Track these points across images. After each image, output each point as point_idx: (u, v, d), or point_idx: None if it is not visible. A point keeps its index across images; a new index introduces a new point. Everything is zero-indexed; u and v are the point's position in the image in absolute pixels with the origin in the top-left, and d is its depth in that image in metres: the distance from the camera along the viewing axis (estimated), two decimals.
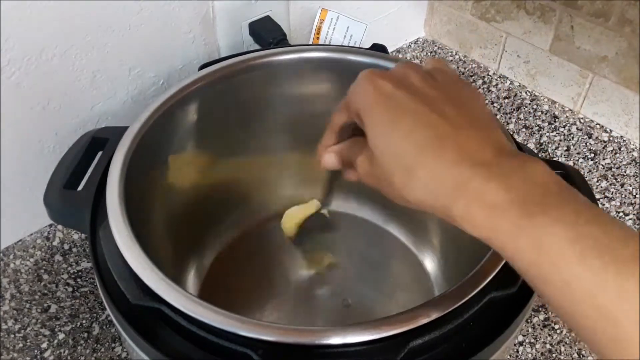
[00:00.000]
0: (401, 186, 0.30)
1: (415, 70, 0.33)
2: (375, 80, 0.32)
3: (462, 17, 0.85)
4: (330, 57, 0.55)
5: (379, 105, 0.31)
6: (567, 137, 0.77)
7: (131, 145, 0.44)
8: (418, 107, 0.31)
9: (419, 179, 0.29)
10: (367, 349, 0.33)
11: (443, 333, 0.34)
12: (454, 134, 0.29)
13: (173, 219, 0.53)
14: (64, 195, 0.43)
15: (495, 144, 0.29)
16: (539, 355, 0.57)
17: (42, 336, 0.55)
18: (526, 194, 0.27)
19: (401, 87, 0.31)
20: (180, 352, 0.35)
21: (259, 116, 0.58)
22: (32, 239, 0.61)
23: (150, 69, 0.61)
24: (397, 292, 0.58)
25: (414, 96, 0.31)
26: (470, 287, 0.35)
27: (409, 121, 0.30)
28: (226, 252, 0.60)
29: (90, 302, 0.58)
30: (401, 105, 0.31)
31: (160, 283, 0.35)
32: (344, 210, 0.64)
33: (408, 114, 0.30)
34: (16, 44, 0.50)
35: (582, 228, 0.25)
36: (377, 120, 0.32)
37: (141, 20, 0.57)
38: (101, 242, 0.39)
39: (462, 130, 0.30)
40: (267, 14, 0.65)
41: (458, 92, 0.32)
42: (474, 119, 0.31)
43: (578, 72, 0.75)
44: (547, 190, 0.27)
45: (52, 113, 0.56)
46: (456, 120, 0.30)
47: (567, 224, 0.25)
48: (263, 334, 0.33)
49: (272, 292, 0.58)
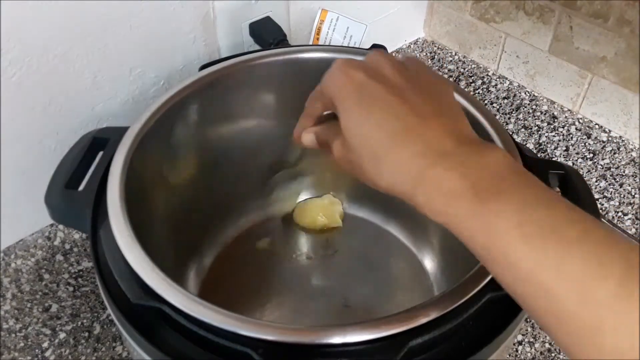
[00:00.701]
0: (371, 172, 0.32)
1: (388, 60, 0.34)
2: (348, 69, 0.33)
3: (461, 17, 0.86)
4: (330, 58, 0.55)
5: (352, 94, 0.33)
6: (566, 137, 0.77)
7: (132, 146, 0.44)
8: (388, 97, 0.32)
9: (386, 167, 0.31)
10: (367, 349, 0.33)
11: (442, 332, 0.35)
12: (419, 124, 0.31)
13: (174, 219, 0.53)
14: (65, 195, 0.43)
15: (458, 133, 0.31)
16: (538, 355, 0.57)
17: (43, 335, 0.55)
18: (480, 181, 0.28)
19: (373, 76, 0.33)
20: (180, 351, 0.35)
21: (259, 116, 0.59)
22: (33, 238, 0.61)
23: (151, 69, 0.61)
24: (397, 292, 0.58)
25: (385, 86, 0.32)
26: (470, 287, 0.35)
27: (379, 111, 0.32)
28: (226, 252, 0.60)
29: (91, 302, 0.58)
30: (372, 95, 0.32)
31: (160, 282, 0.35)
32: (344, 211, 0.64)
33: (379, 104, 0.32)
34: (17, 44, 0.50)
35: (530, 212, 0.27)
36: (349, 109, 0.33)
37: (142, 21, 0.57)
38: (102, 242, 0.40)
39: (427, 120, 0.31)
40: (267, 14, 0.65)
41: (428, 83, 0.34)
42: (440, 109, 0.32)
43: (577, 73, 0.75)
44: (500, 176, 0.29)
45: (53, 113, 0.56)
46: (423, 110, 0.32)
47: (515, 209, 0.27)
48: (263, 334, 0.33)
49: (272, 291, 0.58)
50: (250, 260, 0.60)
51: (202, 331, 0.34)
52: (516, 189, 0.28)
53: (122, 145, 0.44)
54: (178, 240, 0.54)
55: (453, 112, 0.33)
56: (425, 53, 0.91)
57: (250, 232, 0.62)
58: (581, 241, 0.25)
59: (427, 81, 0.34)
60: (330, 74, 0.35)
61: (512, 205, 0.27)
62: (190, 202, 0.56)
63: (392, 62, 0.34)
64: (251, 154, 0.60)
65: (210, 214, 0.59)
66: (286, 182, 0.64)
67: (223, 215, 0.61)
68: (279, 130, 0.60)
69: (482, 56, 0.86)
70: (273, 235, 0.63)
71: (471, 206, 0.28)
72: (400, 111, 0.32)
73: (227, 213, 0.61)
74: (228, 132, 0.57)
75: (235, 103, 0.55)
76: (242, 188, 0.61)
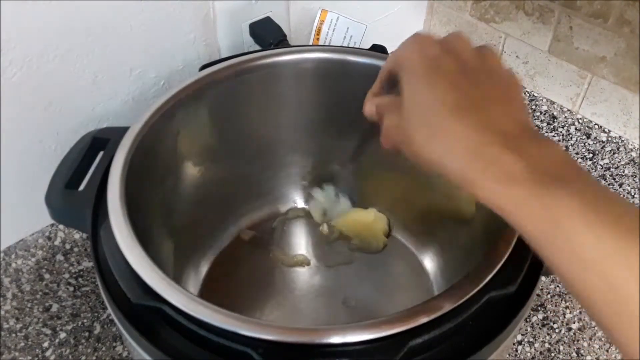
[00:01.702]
0: (422, 143, 0.32)
1: (466, 42, 0.34)
2: (425, 42, 0.34)
3: (461, 17, 0.86)
4: (330, 58, 0.55)
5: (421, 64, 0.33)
6: (566, 137, 0.77)
7: (132, 146, 0.44)
8: (457, 75, 0.32)
9: (440, 139, 0.31)
10: (367, 349, 0.33)
11: (442, 332, 0.35)
12: (483, 104, 0.31)
13: (174, 219, 0.53)
14: (65, 195, 0.44)
15: (521, 122, 0.31)
16: (537, 354, 0.57)
17: (43, 335, 0.55)
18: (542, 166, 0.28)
19: (447, 53, 0.33)
20: (180, 351, 0.35)
21: (260, 117, 0.59)
22: (34, 238, 0.61)
23: (151, 69, 0.61)
24: (397, 292, 0.58)
25: (457, 64, 0.33)
26: (470, 287, 0.35)
27: (445, 83, 0.32)
28: (226, 251, 0.60)
29: (91, 302, 0.58)
30: (442, 68, 0.32)
31: (161, 282, 0.35)
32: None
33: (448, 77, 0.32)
34: (17, 44, 0.50)
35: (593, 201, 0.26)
36: (415, 77, 0.33)
37: (142, 21, 0.57)
38: (102, 242, 0.40)
39: (493, 103, 0.31)
40: (267, 14, 0.65)
41: (499, 72, 0.34)
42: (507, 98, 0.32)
43: (577, 73, 0.75)
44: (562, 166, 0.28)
45: (53, 113, 0.56)
46: (490, 93, 0.32)
47: (578, 196, 0.27)
48: (263, 333, 0.33)
49: (272, 291, 0.58)
50: (251, 261, 0.60)
51: (202, 331, 0.34)
52: (577, 178, 0.28)
53: (122, 146, 0.44)
54: (178, 240, 0.54)
55: (519, 103, 0.33)
56: None
57: (250, 232, 0.62)
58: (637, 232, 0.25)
59: (499, 71, 0.34)
60: (406, 43, 0.35)
61: (574, 192, 0.27)
62: (190, 202, 0.56)
63: (469, 45, 0.34)
64: (251, 154, 0.60)
65: (211, 214, 0.59)
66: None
67: (223, 215, 0.61)
68: (279, 130, 0.60)
69: None
70: (273, 235, 0.63)
71: (531, 189, 0.27)
72: (466, 89, 0.31)
73: (228, 213, 0.61)
74: (228, 132, 0.57)
75: (235, 103, 0.55)
76: (242, 188, 0.61)
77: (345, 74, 0.55)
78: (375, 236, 0.61)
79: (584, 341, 0.58)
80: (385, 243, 0.61)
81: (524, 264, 0.39)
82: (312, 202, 0.61)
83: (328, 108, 0.59)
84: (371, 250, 0.60)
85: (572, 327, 0.59)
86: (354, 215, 0.62)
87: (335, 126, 0.59)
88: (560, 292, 0.63)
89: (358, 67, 0.54)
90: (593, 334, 0.59)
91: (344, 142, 0.59)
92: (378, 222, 0.62)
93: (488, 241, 0.39)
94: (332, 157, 0.61)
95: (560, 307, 0.61)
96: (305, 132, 0.61)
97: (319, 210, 0.61)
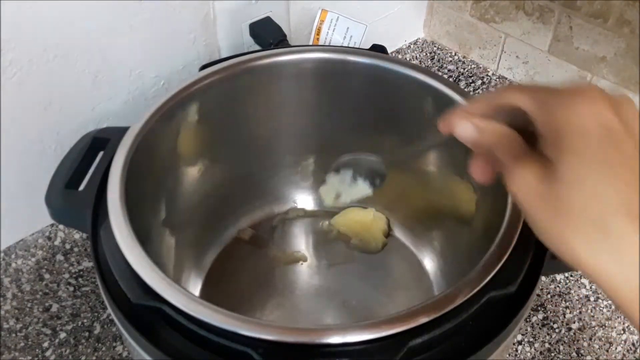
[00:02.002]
0: (579, 242, 0.27)
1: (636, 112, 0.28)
2: (601, 103, 0.27)
3: (461, 17, 0.86)
4: (330, 58, 0.55)
5: (598, 139, 0.27)
6: None
7: (132, 146, 0.44)
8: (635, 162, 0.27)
9: (611, 247, 0.26)
10: (367, 349, 0.33)
11: (442, 332, 0.35)
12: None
13: (173, 219, 0.53)
14: (65, 195, 0.44)
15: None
16: (537, 354, 0.57)
17: (43, 335, 0.55)
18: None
19: (625, 127, 0.27)
20: (180, 351, 0.35)
21: (260, 117, 0.59)
22: (34, 238, 0.61)
23: (151, 69, 0.61)
24: (397, 292, 0.58)
25: (635, 144, 0.27)
26: (470, 287, 0.35)
27: (626, 176, 0.26)
28: (226, 251, 0.60)
29: (91, 302, 0.58)
30: (621, 150, 0.27)
31: (161, 282, 0.35)
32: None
33: (626, 165, 0.26)
34: (17, 44, 0.50)
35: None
36: (590, 159, 0.26)
37: (142, 21, 0.57)
38: (102, 242, 0.40)
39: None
40: (267, 14, 0.65)
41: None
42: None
43: (577, 73, 0.75)
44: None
45: (53, 113, 0.56)
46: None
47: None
48: (263, 333, 0.33)
49: (272, 291, 0.58)
50: (251, 260, 0.60)
51: (202, 331, 0.34)
52: None
53: (122, 146, 0.44)
54: (178, 240, 0.54)
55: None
56: (425, 53, 0.91)
57: (250, 232, 0.62)
58: None
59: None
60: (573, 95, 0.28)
61: None
62: (190, 202, 0.56)
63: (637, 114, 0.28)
64: (251, 154, 0.60)
65: (211, 214, 0.59)
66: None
67: (223, 215, 0.61)
68: (279, 130, 0.60)
69: (482, 56, 0.86)
70: (273, 234, 0.63)
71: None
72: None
73: (227, 213, 0.61)
74: (228, 132, 0.57)
75: (235, 103, 0.55)
76: (242, 188, 0.61)
77: (345, 74, 0.55)
78: (375, 236, 0.61)
79: (584, 341, 0.58)
80: (385, 243, 0.61)
81: (524, 264, 0.39)
82: (324, 186, 0.58)
83: (328, 108, 0.59)
84: (370, 250, 0.60)
85: (572, 327, 0.59)
86: (353, 214, 0.62)
87: (335, 126, 0.59)
88: (561, 292, 0.63)
89: (358, 67, 0.54)
90: (593, 334, 0.59)
91: (344, 142, 0.59)
92: (377, 221, 0.62)
93: (488, 241, 0.39)
94: (332, 157, 0.61)
95: (560, 307, 0.61)
96: (305, 132, 0.61)
97: (331, 193, 0.59)
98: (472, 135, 0.31)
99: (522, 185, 0.29)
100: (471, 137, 0.31)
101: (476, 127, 0.31)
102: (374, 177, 0.48)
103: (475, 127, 0.31)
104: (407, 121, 0.56)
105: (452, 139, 0.33)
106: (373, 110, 0.57)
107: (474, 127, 0.31)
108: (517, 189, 0.29)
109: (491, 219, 0.43)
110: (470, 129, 0.31)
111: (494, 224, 0.40)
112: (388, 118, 0.57)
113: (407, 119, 0.56)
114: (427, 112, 0.53)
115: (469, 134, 0.31)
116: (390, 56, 0.55)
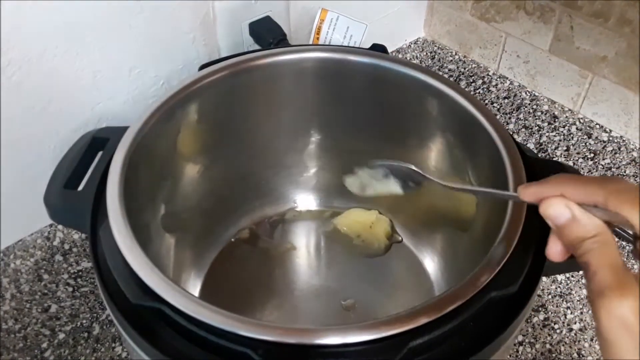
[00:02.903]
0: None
1: None
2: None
3: (461, 17, 0.85)
4: (331, 57, 0.55)
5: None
6: (567, 137, 0.77)
7: (131, 145, 0.44)
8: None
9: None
10: (367, 349, 0.33)
11: (443, 333, 0.34)
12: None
13: (173, 219, 0.53)
14: (64, 195, 0.43)
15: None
16: (538, 355, 0.57)
17: (42, 336, 0.55)
18: None
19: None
20: (180, 351, 0.35)
21: (259, 116, 0.59)
22: (33, 238, 0.61)
23: (150, 69, 0.61)
24: (397, 292, 0.58)
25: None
26: (470, 287, 0.35)
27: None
28: (226, 251, 0.60)
29: (90, 302, 0.58)
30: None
31: (160, 283, 0.35)
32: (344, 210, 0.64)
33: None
34: (17, 44, 0.50)
35: None
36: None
37: (142, 21, 0.57)
38: (101, 242, 0.40)
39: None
40: (267, 14, 0.65)
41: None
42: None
43: (578, 72, 0.75)
44: None
45: (52, 113, 0.56)
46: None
47: None
48: (263, 334, 0.33)
49: (272, 292, 0.58)
50: (250, 260, 0.60)
51: (201, 331, 0.34)
52: None
53: (122, 145, 0.44)
54: (178, 240, 0.54)
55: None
56: (425, 53, 0.91)
57: (250, 232, 0.62)
58: None
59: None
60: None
61: None
62: (190, 202, 0.56)
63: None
64: (251, 154, 0.60)
65: (211, 214, 0.59)
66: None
67: (223, 215, 0.61)
68: (279, 129, 0.60)
69: (482, 56, 0.86)
70: (272, 235, 0.62)
71: None
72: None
73: (227, 213, 0.61)
74: (228, 132, 0.57)
75: (235, 103, 0.55)
76: (242, 188, 0.61)
77: (345, 74, 0.55)
78: (377, 237, 0.61)
79: (585, 342, 0.58)
80: (388, 246, 0.60)
81: (524, 265, 0.38)
82: (351, 176, 0.53)
83: (328, 108, 0.58)
84: (373, 252, 0.60)
85: (573, 327, 0.59)
86: (356, 215, 0.62)
87: (335, 126, 0.59)
88: (562, 293, 0.62)
89: (358, 67, 0.54)
90: (594, 334, 0.59)
91: (344, 141, 0.59)
92: (380, 223, 0.62)
93: (489, 242, 0.39)
94: (332, 157, 0.61)
95: (562, 308, 0.61)
96: (305, 131, 0.61)
97: (356, 184, 0.57)
98: (564, 223, 0.29)
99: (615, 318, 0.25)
100: (562, 224, 0.29)
101: (573, 216, 0.28)
102: (408, 180, 0.48)
103: (572, 216, 0.28)
104: (407, 120, 0.56)
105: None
106: (373, 109, 0.57)
107: (570, 215, 0.28)
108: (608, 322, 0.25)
109: (492, 220, 0.42)
110: (567, 216, 0.28)
111: (495, 225, 0.40)
112: (388, 117, 0.57)
113: (407, 118, 0.55)
114: (427, 112, 0.53)
115: (562, 221, 0.29)
116: (391, 56, 0.55)
